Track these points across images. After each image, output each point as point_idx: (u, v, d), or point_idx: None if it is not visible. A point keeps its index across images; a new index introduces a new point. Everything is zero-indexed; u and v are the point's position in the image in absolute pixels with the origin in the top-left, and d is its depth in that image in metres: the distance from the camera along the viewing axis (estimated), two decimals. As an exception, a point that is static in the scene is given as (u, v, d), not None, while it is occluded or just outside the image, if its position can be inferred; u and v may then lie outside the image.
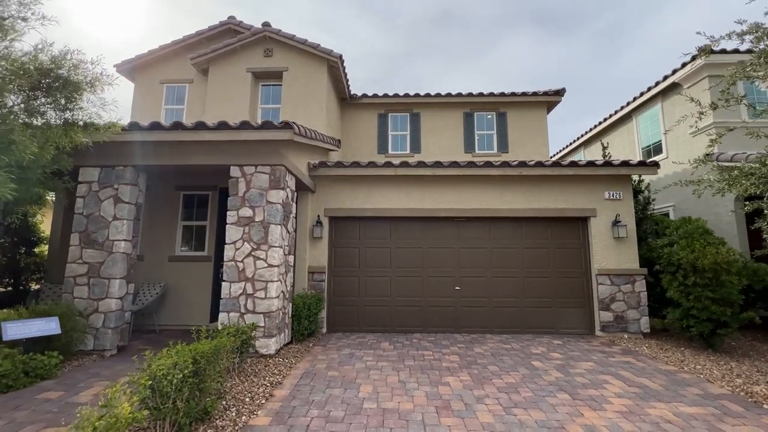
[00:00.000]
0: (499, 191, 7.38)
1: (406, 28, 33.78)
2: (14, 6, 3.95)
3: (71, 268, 5.35)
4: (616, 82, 38.24)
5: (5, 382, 3.82)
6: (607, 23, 34.51)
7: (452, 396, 4.12)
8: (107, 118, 4.90)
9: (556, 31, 36.18)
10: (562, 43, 36.75)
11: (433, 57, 39.01)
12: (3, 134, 2.99)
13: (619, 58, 37.51)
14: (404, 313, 7.27)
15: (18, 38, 3.53)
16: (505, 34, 36.20)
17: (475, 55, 38.19)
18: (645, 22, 35.51)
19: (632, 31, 35.54)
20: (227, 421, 3.41)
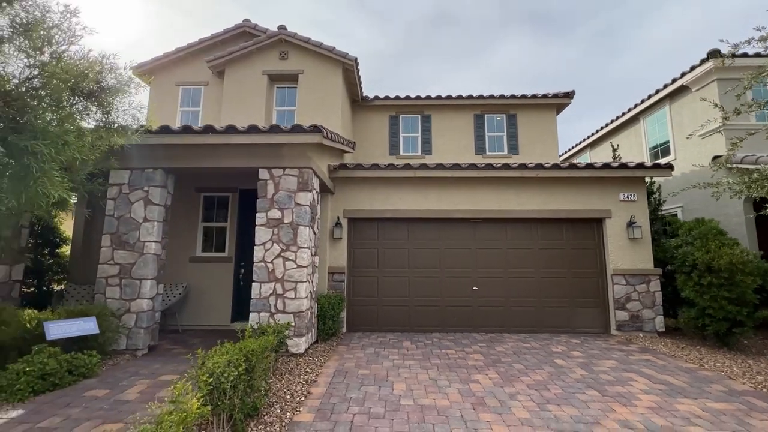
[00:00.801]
0: (514, 193, 7.51)
1: (405, 28, 33.84)
2: (57, 16, 4.01)
3: (103, 269, 5.44)
4: (614, 82, 38.51)
5: (52, 381, 3.92)
6: (604, 23, 34.77)
7: (485, 393, 4.24)
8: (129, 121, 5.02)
9: (554, 31, 36.37)
10: (561, 43, 36.94)
11: (432, 57, 39.09)
12: (60, 135, 3.09)
13: (616, 58, 37.78)
14: (422, 312, 7.39)
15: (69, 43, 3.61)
16: (503, 34, 36.35)
17: (473, 56, 38.30)
18: (643, 23, 35.81)
19: (630, 31, 35.81)
20: (274, 418, 3.52)
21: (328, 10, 37.64)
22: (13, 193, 2.98)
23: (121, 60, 4.48)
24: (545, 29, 36.08)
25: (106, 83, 4.44)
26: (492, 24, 35.93)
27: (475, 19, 34.75)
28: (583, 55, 37.24)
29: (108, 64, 4.52)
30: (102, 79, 4.38)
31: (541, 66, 39.01)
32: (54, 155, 3.02)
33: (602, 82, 37.24)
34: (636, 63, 37.42)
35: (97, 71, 4.20)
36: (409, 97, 10.99)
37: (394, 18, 35.68)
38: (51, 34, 3.75)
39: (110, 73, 4.57)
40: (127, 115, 4.78)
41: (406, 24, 34.24)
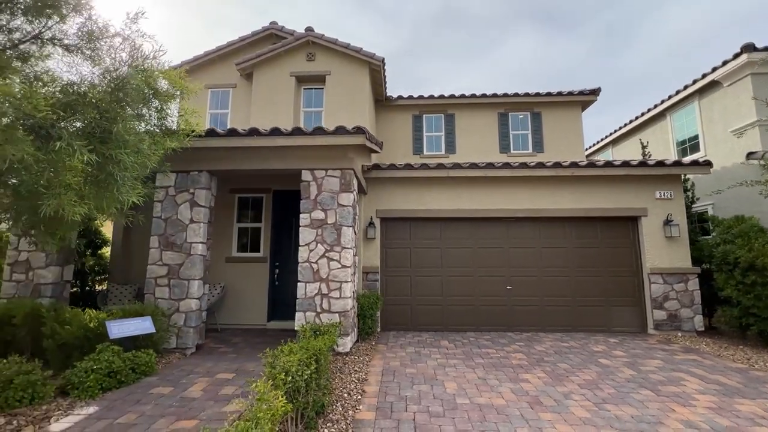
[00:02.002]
0: (548, 191, 7.48)
1: (409, 27, 33.70)
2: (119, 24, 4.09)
3: (152, 270, 5.58)
4: (626, 77, 37.85)
5: (118, 378, 4.04)
6: (611, 20, 34.24)
7: (537, 392, 4.26)
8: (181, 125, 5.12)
9: (562, 26, 35.86)
10: (569, 38, 36.42)
11: (438, 55, 38.86)
12: (135, 143, 3.19)
13: (627, 53, 37.10)
14: (456, 312, 7.42)
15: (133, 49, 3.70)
16: (508, 31, 35.95)
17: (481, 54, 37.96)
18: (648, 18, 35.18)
19: (642, 25, 35.16)
20: (338, 415, 3.59)
21: (334, 10, 37.68)
22: (94, 200, 3.09)
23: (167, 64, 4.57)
24: (551, 26, 35.64)
25: (161, 89, 4.55)
26: (499, 21, 35.63)
27: (482, 16, 34.47)
28: (593, 50, 36.72)
29: (163, 69, 4.63)
30: (158, 85, 4.49)
31: (550, 62, 38.55)
32: (134, 163, 3.13)
33: (613, 77, 36.68)
34: (649, 57, 36.79)
35: (155, 77, 4.31)
36: (433, 96, 11.00)
37: (400, 17, 35.59)
38: (115, 42, 3.86)
39: (164, 79, 4.68)
40: (179, 120, 4.91)
41: (412, 22, 34.15)
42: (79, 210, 2.83)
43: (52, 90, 3.47)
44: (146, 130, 4.10)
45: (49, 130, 2.71)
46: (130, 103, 3.63)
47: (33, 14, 3.56)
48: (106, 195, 3.08)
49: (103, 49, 3.83)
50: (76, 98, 3.30)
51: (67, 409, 3.57)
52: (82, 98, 3.13)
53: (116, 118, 3.07)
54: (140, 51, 3.89)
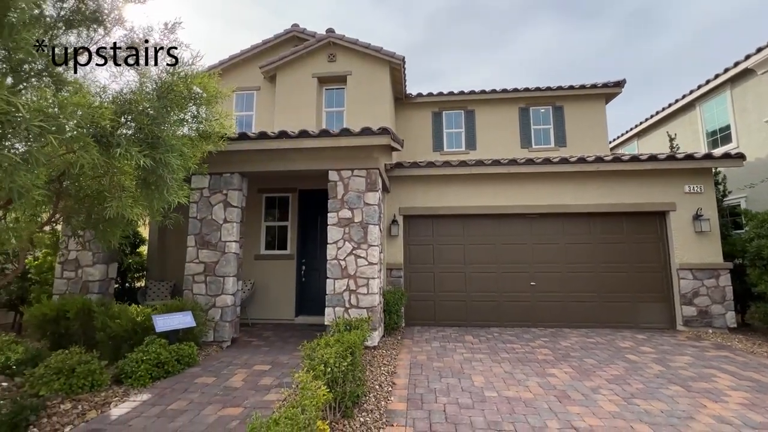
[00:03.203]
0: (572, 187, 7.44)
1: (426, 21, 33.28)
2: (157, 35, 4.32)
3: (189, 267, 5.89)
4: (649, 66, 36.42)
5: (166, 368, 4.34)
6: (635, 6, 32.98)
7: (565, 386, 4.33)
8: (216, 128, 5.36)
9: (582, 15, 34.75)
10: (589, 28, 35.26)
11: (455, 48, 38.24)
12: (179, 147, 3.43)
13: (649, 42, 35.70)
14: (480, 307, 7.50)
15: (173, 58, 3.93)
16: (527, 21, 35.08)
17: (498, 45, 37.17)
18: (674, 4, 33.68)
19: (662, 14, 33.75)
20: (372, 405, 3.76)
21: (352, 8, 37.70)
22: (146, 202, 3.34)
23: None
24: (574, 13, 34.64)
25: (197, 93, 4.78)
26: (518, 11, 34.85)
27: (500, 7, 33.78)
28: (616, 39, 35.47)
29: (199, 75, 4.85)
30: (194, 90, 4.71)
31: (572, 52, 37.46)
32: (179, 166, 3.36)
33: (638, 66, 35.38)
34: (675, 45, 35.31)
35: (193, 83, 4.53)
36: (453, 92, 11.00)
37: (417, 10, 35.30)
38: (161, 57, 4.10)
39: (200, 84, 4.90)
40: (215, 123, 5.14)
41: (429, 15, 33.78)
42: (136, 211, 3.08)
43: (104, 100, 3.75)
44: (186, 135, 4.35)
45: (108, 138, 2.96)
46: (173, 109, 3.87)
47: (80, 28, 3.83)
48: (156, 196, 3.33)
49: (146, 58, 4.09)
50: (127, 107, 3.55)
51: (123, 395, 3.88)
52: (135, 106, 3.38)
53: (163, 124, 3.30)
54: (180, 59, 4.13)
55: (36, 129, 2.35)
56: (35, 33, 3.13)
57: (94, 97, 3.71)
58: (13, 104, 2.26)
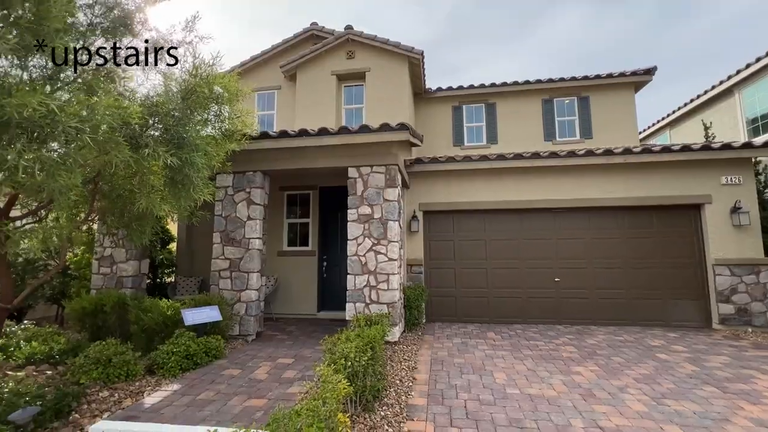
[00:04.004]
0: (598, 180, 7.19)
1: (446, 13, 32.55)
2: (180, 33, 4.44)
3: (216, 263, 6.09)
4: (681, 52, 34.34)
5: (194, 360, 4.52)
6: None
7: (590, 385, 4.22)
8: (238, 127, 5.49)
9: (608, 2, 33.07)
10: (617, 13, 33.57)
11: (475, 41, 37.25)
12: (203, 146, 3.55)
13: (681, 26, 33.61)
14: (502, 304, 7.39)
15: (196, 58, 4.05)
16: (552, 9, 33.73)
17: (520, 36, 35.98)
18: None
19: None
20: (392, 400, 3.79)
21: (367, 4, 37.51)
22: (173, 199, 3.48)
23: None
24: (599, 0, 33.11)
25: (219, 93, 4.90)
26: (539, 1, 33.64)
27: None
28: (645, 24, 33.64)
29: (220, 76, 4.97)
30: (216, 91, 4.84)
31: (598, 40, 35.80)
32: (204, 164, 3.49)
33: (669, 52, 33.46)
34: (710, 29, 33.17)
35: (214, 83, 4.66)
36: (473, 86, 10.81)
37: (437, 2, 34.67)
38: (180, 52, 4.23)
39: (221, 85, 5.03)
40: (237, 122, 5.28)
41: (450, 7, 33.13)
42: (164, 207, 3.22)
43: (133, 103, 3.92)
44: (210, 135, 4.49)
45: (137, 139, 3.10)
46: (196, 109, 4.00)
47: (111, 35, 4.00)
48: (183, 194, 3.47)
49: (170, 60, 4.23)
50: (154, 108, 3.70)
51: (155, 385, 4.07)
52: (161, 108, 3.52)
53: (187, 125, 3.42)
54: (201, 58, 4.25)
55: (72, 130, 2.49)
56: (70, 41, 3.30)
57: (125, 100, 3.90)
58: (50, 107, 2.40)
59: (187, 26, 4.27)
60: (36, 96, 2.35)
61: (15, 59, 3.19)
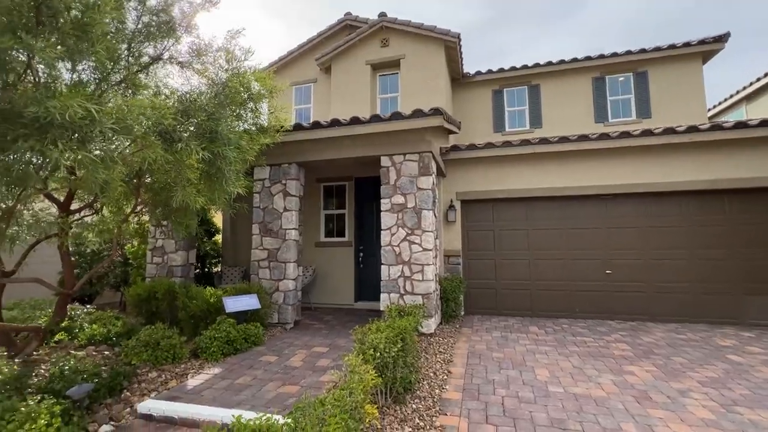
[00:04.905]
0: (657, 163, 6.50)
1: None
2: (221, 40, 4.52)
3: (255, 254, 6.29)
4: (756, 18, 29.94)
5: (234, 346, 4.70)
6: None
7: (646, 387, 3.83)
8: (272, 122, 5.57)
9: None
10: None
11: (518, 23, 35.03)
12: (236, 141, 3.63)
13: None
14: (546, 296, 6.98)
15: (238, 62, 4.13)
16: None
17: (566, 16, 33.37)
18: None
19: None
20: (425, 393, 3.69)
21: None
22: (208, 192, 3.59)
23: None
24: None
25: (255, 90, 4.98)
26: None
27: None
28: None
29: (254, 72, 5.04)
30: (251, 87, 4.92)
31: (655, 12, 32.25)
32: (236, 158, 3.56)
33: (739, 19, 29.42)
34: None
35: (248, 79, 4.73)
36: (515, 67, 10.21)
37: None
38: (218, 56, 4.33)
39: (255, 81, 5.11)
40: (270, 117, 5.36)
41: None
42: (199, 200, 3.33)
43: (172, 102, 4.09)
44: (244, 129, 4.58)
45: (172, 135, 3.21)
46: (229, 105, 4.08)
47: (155, 39, 4.18)
48: (217, 187, 3.57)
49: (208, 61, 4.36)
50: (189, 105, 3.82)
51: (199, 368, 4.28)
52: (194, 105, 3.62)
53: (220, 120, 3.50)
54: (234, 55, 4.33)
55: (109, 131, 2.60)
56: (117, 44, 3.47)
57: (166, 99, 4.07)
58: (89, 110, 2.52)
59: (228, 36, 4.34)
60: (77, 98, 2.48)
61: (68, 63, 3.42)
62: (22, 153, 2.33)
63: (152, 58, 4.22)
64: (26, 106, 2.27)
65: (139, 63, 4.17)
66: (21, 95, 2.39)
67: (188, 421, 3.18)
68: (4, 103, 2.32)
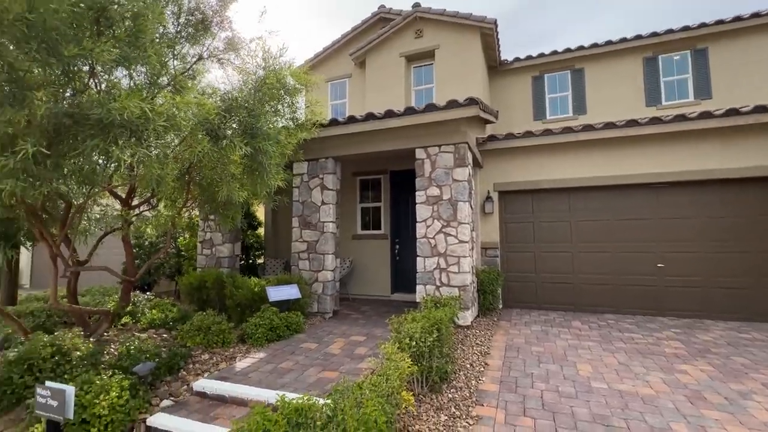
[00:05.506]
0: (717, 148, 5.98)
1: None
2: (252, 31, 4.72)
3: (295, 246, 6.55)
4: None
5: (277, 333, 4.96)
6: None
7: (700, 386, 3.60)
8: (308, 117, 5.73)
9: None
10: None
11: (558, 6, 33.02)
12: (275, 136, 3.80)
13: None
14: (591, 291, 6.68)
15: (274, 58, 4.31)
16: None
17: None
18: None
19: None
20: (462, 384, 3.70)
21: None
22: (250, 186, 3.80)
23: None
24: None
25: (290, 85, 5.14)
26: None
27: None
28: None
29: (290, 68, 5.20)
30: (287, 82, 5.09)
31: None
32: (276, 152, 3.73)
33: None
34: None
35: (284, 75, 4.90)
36: (556, 51, 9.73)
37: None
38: (252, 47, 4.52)
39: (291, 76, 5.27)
40: (307, 111, 5.51)
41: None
42: (242, 194, 3.53)
43: (214, 100, 4.34)
44: (283, 126, 4.77)
45: (217, 132, 3.43)
46: (268, 101, 4.26)
47: (193, 40, 4.43)
48: (258, 181, 3.77)
49: (243, 55, 4.57)
50: (230, 103, 4.04)
51: (245, 352, 4.57)
52: (235, 102, 3.83)
53: (259, 116, 3.68)
54: (269, 52, 4.51)
55: (161, 129, 2.84)
56: (162, 48, 3.74)
57: (210, 98, 4.33)
58: (144, 109, 2.75)
59: (259, 19, 4.54)
60: (133, 100, 2.72)
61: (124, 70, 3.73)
62: (89, 153, 2.60)
63: (194, 57, 4.50)
64: (91, 109, 2.53)
65: (183, 64, 4.46)
66: (87, 100, 2.66)
67: (237, 400, 3.42)
68: (74, 107, 2.60)
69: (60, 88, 2.76)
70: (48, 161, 2.32)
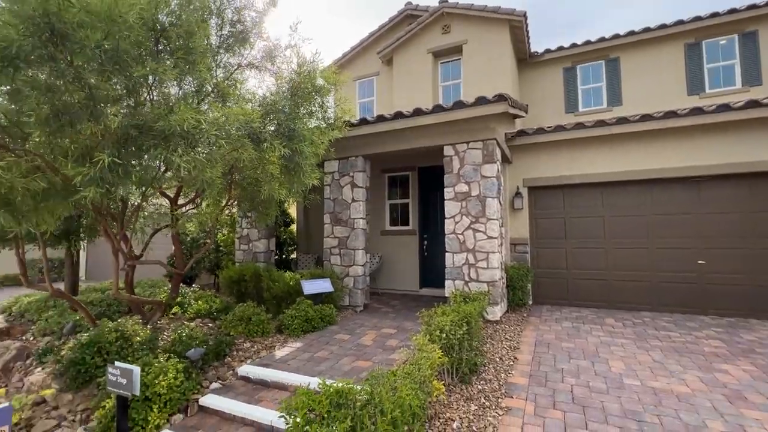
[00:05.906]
0: (765, 138, 5.66)
1: None
2: (286, 38, 4.94)
3: (327, 242, 6.81)
4: None
5: (312, 324, 5.23)
6: None
7: (741, 386, 3.51)
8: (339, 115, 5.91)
9: None
10: None
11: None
12: (309, 137, 4.02)
13: None
14: (625, 288, 6.53)
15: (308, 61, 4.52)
16: None
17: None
18: None
19: None
20: (491, 376, 3.80)
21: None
22: (288, 185, 4.04)
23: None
24: None
25: (321, 86, 5.33)
26: None
27: None
28: None
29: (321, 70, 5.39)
30: (318, 84, 5.28)
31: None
32: (310, 152, 3.95)
33: None
34: None
35: (315, 77, 5.09)
36: (589, 41, 9.43)
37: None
38: (287, 54, 4.75)
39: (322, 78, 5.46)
40: (337, 110, 5.70)
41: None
42: (281, 192, 3.77)
43: (253, 105, 4.61)
44: (316, 126, 4.99)
45: (258, 136, 3.68)
46: (302, 104, 4.48)
47: (233, 50, 4.71)
48: (295, 180, 4.00)
49: (279, 62, 4.81)
50: (269, 108, 4.29)
51: (283, 342, 4.86)
52: (274, 107, 4.07)
53: (296, 119, 3.90)
54: (303, 57, 4.72)
55: (213, 137, 3.10)
56: (207, 61, 4.02)
57: (249, 103, 4.60)
58: (198, 120, 3.02)
59: (292, 29, 4.76)
60: (190, 112, 3.00)
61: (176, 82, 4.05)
62: (153, 160, 2.90)
63: (234, 66, 4.78)
64: (155, 121, 2.83)
65: (225, 72, 4.75)
66: (149, 112, 2.96)
67: (278, 384, 3.69)
68: (138, 119, 2.91)
69: (124, 102, 3.08)
70: (120, 169, 2.62)
